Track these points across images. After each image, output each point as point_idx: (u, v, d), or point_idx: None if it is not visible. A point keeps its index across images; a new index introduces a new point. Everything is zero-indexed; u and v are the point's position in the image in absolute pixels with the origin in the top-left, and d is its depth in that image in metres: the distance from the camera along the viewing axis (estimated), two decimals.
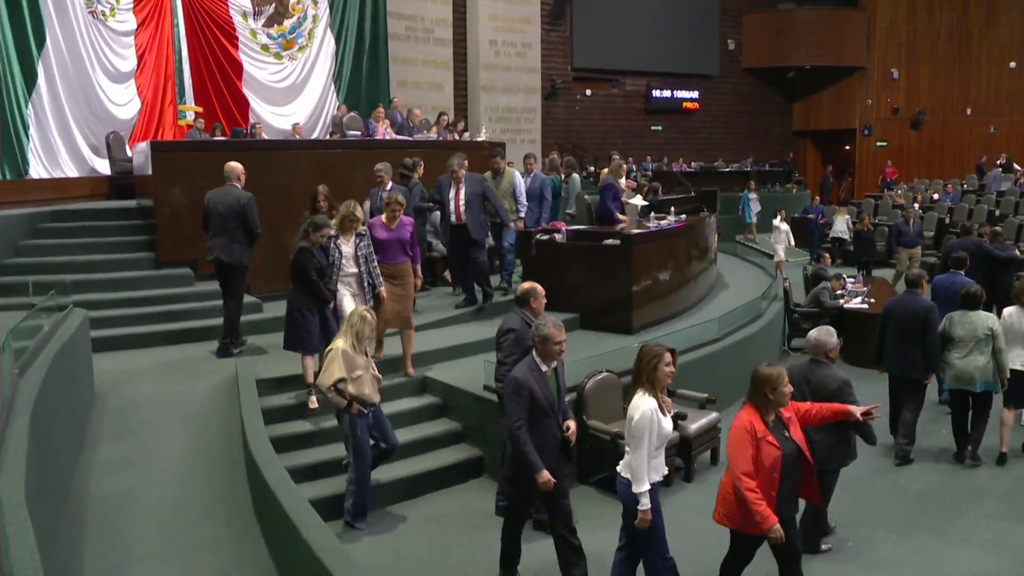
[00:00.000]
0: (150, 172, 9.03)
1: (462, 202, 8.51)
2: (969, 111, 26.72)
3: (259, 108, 15.46)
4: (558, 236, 9.08)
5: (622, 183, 10.75)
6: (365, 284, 6.60)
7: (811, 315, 10.53)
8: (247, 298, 8.16)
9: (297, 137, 13.79)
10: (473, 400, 6.63)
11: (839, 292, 10.94)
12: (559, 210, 10.80)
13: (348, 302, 6.49)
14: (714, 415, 6.89)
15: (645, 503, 4.23)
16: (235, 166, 7.45)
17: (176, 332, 7.90)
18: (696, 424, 6.63)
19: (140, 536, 4.73)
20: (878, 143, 26.89)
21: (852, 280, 11.73)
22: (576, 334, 8.43)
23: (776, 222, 15.86)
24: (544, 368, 4.58)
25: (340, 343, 5.46)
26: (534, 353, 4.61)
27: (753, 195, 19.95)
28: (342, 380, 5.34)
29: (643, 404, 4.25)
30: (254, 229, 7.28)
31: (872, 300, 10.71)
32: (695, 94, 25.73)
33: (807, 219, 18.80)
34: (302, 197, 7.97)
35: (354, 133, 12.69)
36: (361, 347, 5.47)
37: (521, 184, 9.54)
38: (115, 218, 9.52)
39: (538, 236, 9.10)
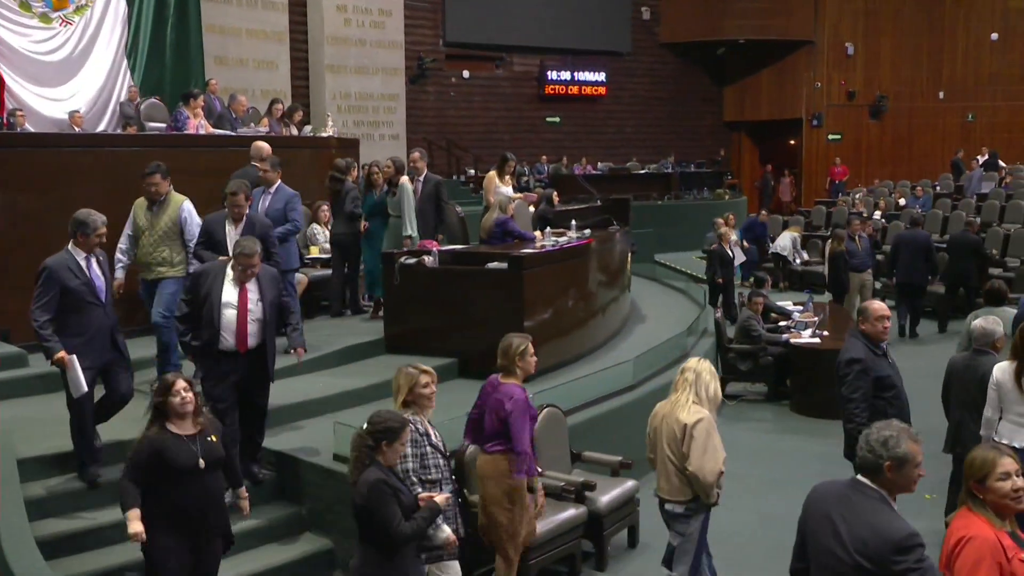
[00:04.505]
0: None
1: (252, 315, 6.32)
2: (942, 95, 27.79)
3: (20, 89, 14.92)
4: (428, 259, 9.13)
5: (509, 191, 10.93)
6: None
7: (750, 353, 10.93)
8: (7, 348, 8.16)
9: (76, 130, 13.43)
10: (321, 475, 6.59)
11: (784, 324, 11.36)
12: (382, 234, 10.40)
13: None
14: (631, 484, 7.01)
15: None
16: (261, 146, 9.12)
17: None
18: (608, 496, 6.72)
19: None
20: (830, 136, 27.93)
21: (800, 308, 12.15)
22: (454, 384, 8.45)
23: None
24: (895, 506, 3.62)
25: (705, 411, 5.06)
26: (882, 489, 3.58)
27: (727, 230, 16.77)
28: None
29: None
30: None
31: (826, 333, 10.96)
32: (601, 76, 26.39)
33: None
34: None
35: (156, 126, 12.48)
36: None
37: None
38: None
39: (402, 259, 9.14)
